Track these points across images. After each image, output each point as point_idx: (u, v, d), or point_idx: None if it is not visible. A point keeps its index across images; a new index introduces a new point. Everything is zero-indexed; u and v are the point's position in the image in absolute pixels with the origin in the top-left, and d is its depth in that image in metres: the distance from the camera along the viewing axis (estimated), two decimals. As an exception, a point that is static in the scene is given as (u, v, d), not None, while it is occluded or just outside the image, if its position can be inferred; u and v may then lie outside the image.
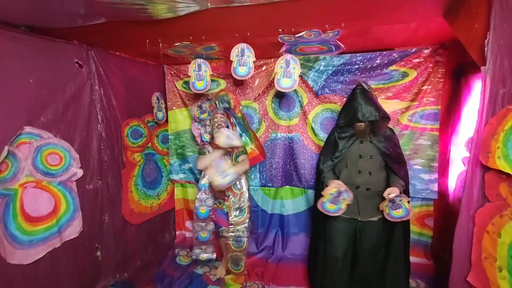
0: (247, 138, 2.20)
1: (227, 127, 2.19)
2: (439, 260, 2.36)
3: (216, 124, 2.17)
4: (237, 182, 2.20)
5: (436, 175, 2.35)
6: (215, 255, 2.39)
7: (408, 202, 1.74)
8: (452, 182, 2.24)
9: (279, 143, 2.70)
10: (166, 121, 2.77)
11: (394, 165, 1.84)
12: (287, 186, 2.77)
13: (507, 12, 1.06)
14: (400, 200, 1.73)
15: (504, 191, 1.07)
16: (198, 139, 2.27)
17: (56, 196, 1.82)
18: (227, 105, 2.34)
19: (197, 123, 2.43)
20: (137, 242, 2.54)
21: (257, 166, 2.78)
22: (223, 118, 2.18)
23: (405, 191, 1.86)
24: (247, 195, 2.24)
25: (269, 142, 2.72)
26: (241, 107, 2.63)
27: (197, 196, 2.27)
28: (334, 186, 1.78)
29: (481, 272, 1.16)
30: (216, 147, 2.17)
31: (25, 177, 1.66)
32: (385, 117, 1.79)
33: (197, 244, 2.35)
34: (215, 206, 2.29)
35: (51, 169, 1.78)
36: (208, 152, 2.21)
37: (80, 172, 1.94)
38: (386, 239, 1.92)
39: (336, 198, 1.78)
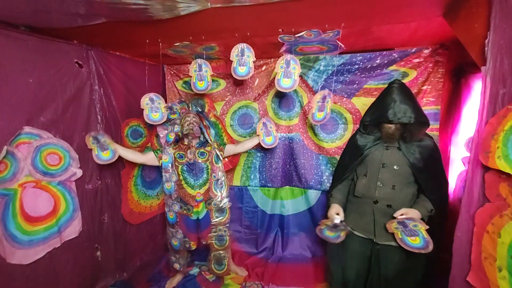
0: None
1: (200, 128, 2.17)
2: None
3: (187, 123, 2.12)
4: (218, 183, 2.19)
5: (436, 175, 2.35)
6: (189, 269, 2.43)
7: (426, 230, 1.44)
8: (452, 182, 2.24)
9: (279, 143, 2.69)
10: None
11: (425, 183, 1.51)
12: (287, 186, 2.77)
13: (507, 12, 1.06)
14: (415, 226, 1.42)
15: (504, 191, 1.07)
16: (163, 140, 2.21)
17: (56, 196, 1.82)
18: (200, 109, 2.34)
19: (165, 124, 2.32)
20: (137, 242, 2.54)
21: (257, 166, 2.77)
22: (195, 118, 2.15)
23: (432, 217, 1.54)
24: (227, 197, 2.23)
25: (269, 142, 2.72)
26: (215, 112, 2.64)
27: (165, 201, 2.23)
28: (329, 219, 1.65)
29: (481, 272, 1.16)
30: (186, 147, 2.16)
31: (24, 177, 1.65)
32: (423, 122, 1.46)
33: (171, 250, 2.33)
34: (184, 212, 2.20)
35: (51, 169, 1.78)
36: (168, 153, 2.14)
37: (79, 172, 1.94)
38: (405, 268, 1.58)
39: (333, 228, 1.64)
